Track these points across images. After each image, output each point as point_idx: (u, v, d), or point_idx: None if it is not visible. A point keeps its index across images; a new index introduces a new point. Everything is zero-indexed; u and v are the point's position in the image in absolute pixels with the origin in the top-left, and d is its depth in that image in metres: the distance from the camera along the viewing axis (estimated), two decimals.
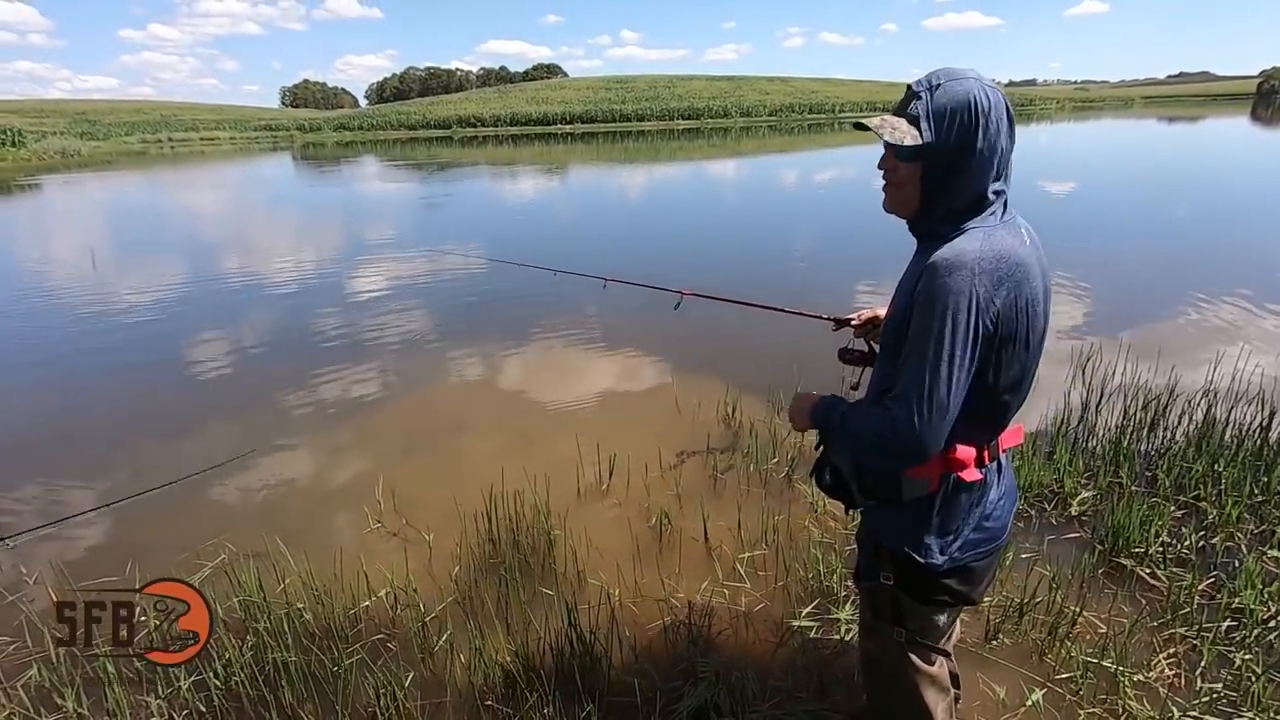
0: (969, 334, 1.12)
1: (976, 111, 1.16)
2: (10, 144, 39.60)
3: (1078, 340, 4.74)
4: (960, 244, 1.16)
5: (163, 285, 8.14)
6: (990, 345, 1.15)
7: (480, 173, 24.04)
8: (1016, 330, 1.17)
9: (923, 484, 1.28)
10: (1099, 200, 12.48)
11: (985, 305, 1.12)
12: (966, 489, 1.29)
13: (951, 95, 1.17)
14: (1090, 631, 2.23)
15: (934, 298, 1.14)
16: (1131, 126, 42.23)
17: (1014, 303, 1.15)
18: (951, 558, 1.31)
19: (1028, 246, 1.20)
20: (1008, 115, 1.19)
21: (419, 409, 4.38)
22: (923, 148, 1.19)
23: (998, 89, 1.19)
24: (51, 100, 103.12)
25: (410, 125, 68.91)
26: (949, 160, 1.19)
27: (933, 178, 1.21)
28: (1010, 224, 1.21)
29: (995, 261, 1.13)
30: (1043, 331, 1.24)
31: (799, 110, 73.38)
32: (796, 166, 23.23)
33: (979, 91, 1.17)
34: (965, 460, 1.26)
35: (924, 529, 1.31)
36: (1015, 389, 1.24)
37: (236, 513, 3.23)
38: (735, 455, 3.50)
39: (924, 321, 1.15)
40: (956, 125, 1.17)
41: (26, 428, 4.32)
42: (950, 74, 1.20)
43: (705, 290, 2.29)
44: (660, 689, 2.08)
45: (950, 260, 1.13)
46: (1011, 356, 1.19)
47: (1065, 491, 2.94)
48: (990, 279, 1.12)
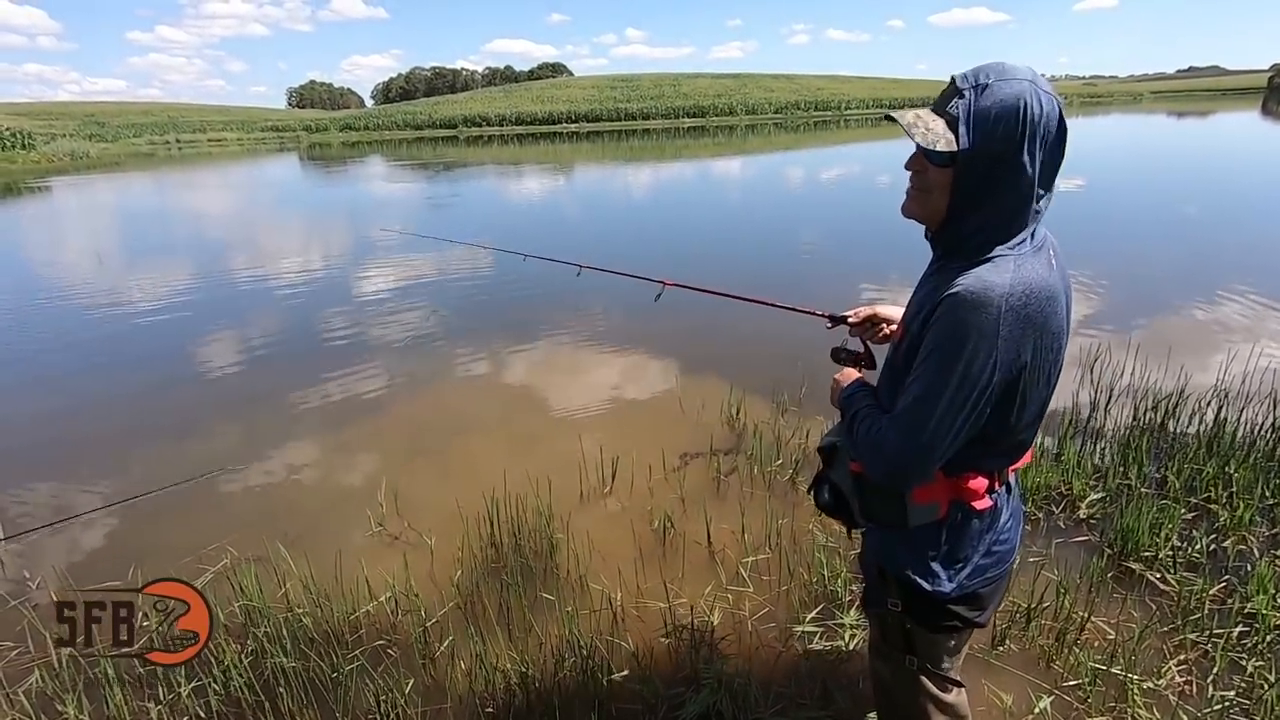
0: (983, 380, 1.05)
1: (1025, 120, 1.03)
2: (20, 146, 39.92)
3: (1086, 339, 4.69)
4: (988, 275, 1.05)
5: (167, 286, 8.16)
6: (1013, 387, 1.09)
7: (486, 172, 24.04)
8: (1041, 368, 1.10)
9: (931, 510, 1.23)
10: (1107, 197, 12.36)
11: (1008, 349, 1.05)
12: (978, 516, 1.23)
13: (999, 98, 1.04)
14: (1099, 637, 2.19)
15: (954, 335, 1.06)
16: (1140, 122, 41.88)
17: (1040, 341, 1.07)
18: (960, 585, 1.25)
19: (1055, 271, 1.11)
20: (1060, 125, 1.06)
21: (422, 411, 4.37)
22: (958, 154, 1.07)
23: (1053, 94, 1.05)
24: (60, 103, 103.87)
25: (416, 125, 69.06)
26: (986, 172, 1.07)
27: (964, 189, 1.09)
28: (1041, 249, 1.11)
29: (1025, 298, 1.04)
30: (1063, 353, 1.18)
31: (804, 108, 73.12)
32: (801, 164, 23.13)
33: (1031, 96, 1.03)
34: (978, 490, 1.20)
35: (931, 556, 1.25)
36: (1035, 422, 1.19)
37: (239, 516, 3.22)
38: (739, 457, 3.48)
39: (939, 357, 1.08)
40: (999, 134, 1.04)
41: (28, 427, 4.33)
42: (1001, 72, 1.05)
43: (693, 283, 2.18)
44: (662, 696, 2.06)
45: (977, 295, 1.04)
46: (1034, 393, 1.13)
47: (1073, 494, 2.91)
48: (1017, 318, 1.04)
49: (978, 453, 1.17)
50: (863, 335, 1.58)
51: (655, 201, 15.57)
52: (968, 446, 1.15)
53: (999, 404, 1.10)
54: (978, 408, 1.08)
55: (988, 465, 1.21)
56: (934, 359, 1.09)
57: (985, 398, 1.07)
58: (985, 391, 1.07)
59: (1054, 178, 1.09)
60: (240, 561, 2.75)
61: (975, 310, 1.04)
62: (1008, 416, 1.13)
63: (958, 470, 1.20)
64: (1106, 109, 65.75)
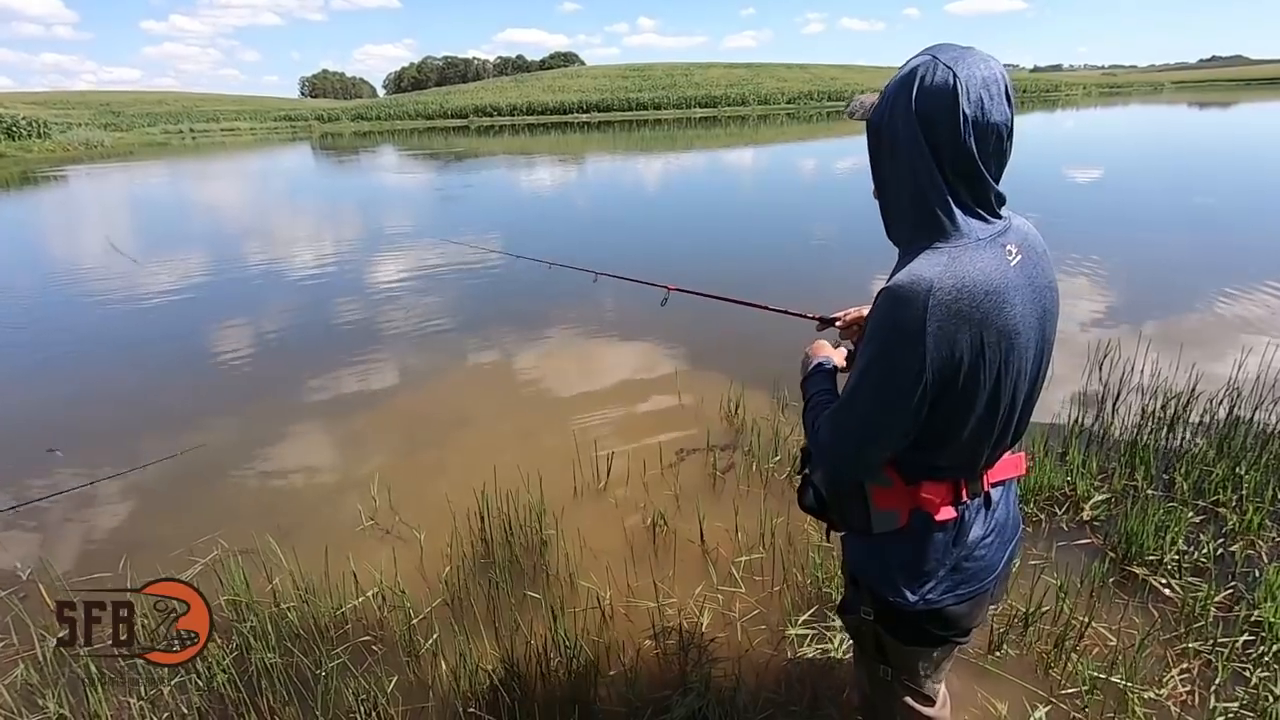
0: (910, 376, 0.99)
1: (915, 95, 0.98)
2: (36, 135, 40.22)
3: (1094, 334, 4.59)
4: (918, 268, 0.99)
5: (173, 274, 8.18)
6: (951, 386, 1.02)
7: (497, 163, 23.98)
8: (983, 369, 1.02)
9: (892, 518, 1.18)
10: (1122, 187, 12.14)
11: (939, 346, 0.98)
12: (940, 528, 1.16)
13: (902, 73, 1.02)
14: (1099, 644, 2.13)
15: (879, 329, 1.02)
16: (1160, 112, 41.14)
17: (979, 339, 0.99)
18: (925, 599, 1.18)
19: (1011, 267, 1.02)
20: (980, 109, 0.96)
21: (418, 404, 4.34)
22: (870, 126, 1.07)
23: (987, 79, 0.97)
24: (77, 92, 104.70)
25: (427, 115, 69.00)
26: (881, 150, 1.06)
27: (872, 169, 1.10)
28: (993, 242, 1.02)
29: (955, 293, 0.97)
30: (1037, 358, 1.10)
31: (817, 97, 72.44)
32: (812, 155, 22.90)
33: (928, 71, 0.98)
34: (935, 498, 1.14)
35: (893, 566, 1.20)
36: (986, 429, 1.09)
37: (232, 508, 3.21)
38: (736, 454, 3.43)
39: (868, 352, 1.04)
40: (888, 107, 1.03)
41: (29, 409, 4.34)
42: (933, 49, 1.02)
43: (696, 286, 2.22)
44: (648, 698, 2.03)
45: (903, 288, 0.98)
46: (980, 395, 1.04)
47: (1077, 495, 2.83)
48: (947, 313, 0.97)
49: (928, 459, 1.12)
50: (852, 337, 1.53)
51: (663, 194, 15.47)
52: (917, 451, 1.10)
53: (940, 405, 1.04)
54: (910, 405, 1.02)
55: (943, 473, 1.14)
56: (864, 353, 1.06)
57: (918, 395, 1.01)
58: (916, 388, 1.00)
59: (975, 170, 0.99)
60: (230, 554, 2.73)
61: (900, 304, 0.99)
62: (951, 418, 1.06)
63: (914, 477, 1.15)
64: (1125, 99, 64.67)
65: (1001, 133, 0.99)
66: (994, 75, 0.98)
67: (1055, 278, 1.12)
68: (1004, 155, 1.02)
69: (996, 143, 1.00)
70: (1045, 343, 1.12)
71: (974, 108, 0.96)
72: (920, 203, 1.02)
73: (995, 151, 1.00)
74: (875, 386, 1.04)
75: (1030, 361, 1.09)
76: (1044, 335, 1.11)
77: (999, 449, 1.16)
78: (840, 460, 1.13)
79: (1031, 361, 1.09)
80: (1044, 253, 1.11)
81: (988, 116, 0.97)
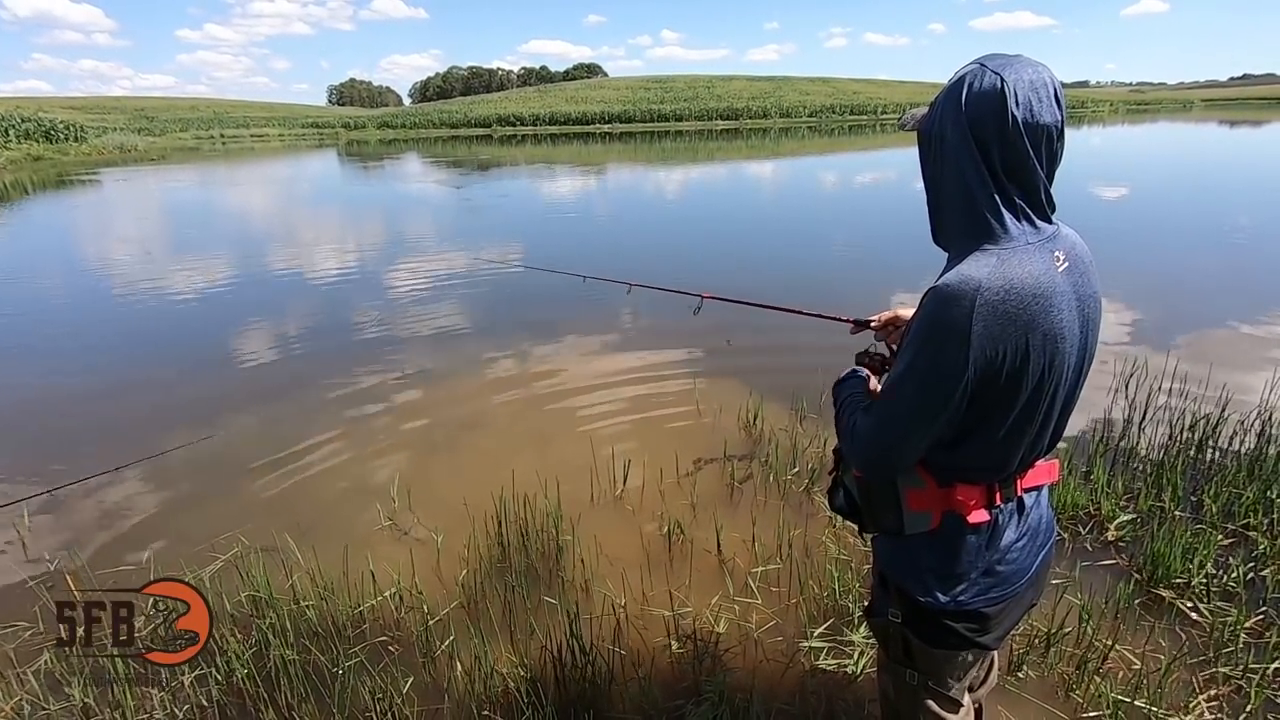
0: (953, 375, 1.01)
1: (964, 100, 1.01)
2: (73, 139, 41.34)
3: (1121, 353, 4.51)
4: (967, 269, 1.01)
5: (199, 277, 8.34)
6: (991, 388, 1.03)
7: (521, 173, 24.22)
8: (1026, 371, 1.03)
9: (924, 519, 1.19)
10: (1150, 206, 11.97)
11: (983, 346, 0.99)
12: (974, 530, 1.17)
13: (952, 81, 1.05)
14: (1123, 667, 2.09)
15: (925, 328, 1.03)
16: (1189, 130, 40.57)
17: (1024, 342, 1.01)
18: (956, 601, 1.19)
19: (1058, 273, 1.04)
20: (1029, 111, 0.98)
21: (437, 407, 4.38)
22: (920, 135, 1.10)
23: (1034, 82, 0.99)
24: (113, 97, 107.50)
25: (451, 124, 69.93)
26: (933, 155, 1.08)
27: (924, 174, 1.12)
28: (1041, 246, 1.04)
29: (1003, 294, 0.99)
30: (1078, 366, 1.11)
31: (840, 111, 72.40)
32: (835, 168, 22.86)
33: (977, 77, 1.01)
34: (967, 501, 1.15)
35: (925, 567, 1.21)
36: (1022, 432, 1.10)
37: (253, 505, 3.25)
38: (754, 464, 3.41)
39: (912, 350, 1.06)
40: (939, 114, 1.06)
41: (55, 406, 4.44)
42: (980, 58, 1.05)
43: (726, 293, 2.23)
44: (662, 706, 2.02)
45: (951, 287, 1.00)
46: (1015, 398, 1.05)
47: (1102, 514, 2.79)
48: (994, 314, 0.99)
49: (963, 461, 1.13)
50: (887, 339, 1.54)
51: (686, 201, 15.51)
52: (950, 452, 1.12)
53: (977, 402, 1.05)
54: (949, 404, 1.04)
55: (977, 475, 1.15)
56: (907, 351, 1.07)
57: (958, 394, 1.03)
58: (956, 388, 1.02)
59: (1035, 168, 1.01)
60: (250, 551, 2.77)
61: (948, 304, 1.00)
62: (987, 417, 1.07)
63: (948, 479, 1.16)
64: (1154, 116, 63.85)
65: (1052, 134, 1.01)
66: (1042, 79, 1.00)
67: (1099, 290, 1.13)
68: (1055, 157, 1.04)
69: (1048, 144, 1.02)
70: (1087, 352, 1.13)
71: (1023, 110, 0.99)
72: (969, 206, 1.04)
73: (1047, 153, 1.02)
74: (917, 382, 1.05)
75: (1071, 369, 1.10)
76: (1086, 344, 1.11)
77: (1034, 454, 1.17)
78: (877, 453, 1.13)
79: (1072, 369, 1.10)
80: (1090, 263, 1.12)
81: (1037, 118, 0.99)
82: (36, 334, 6.34)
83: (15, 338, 6.25)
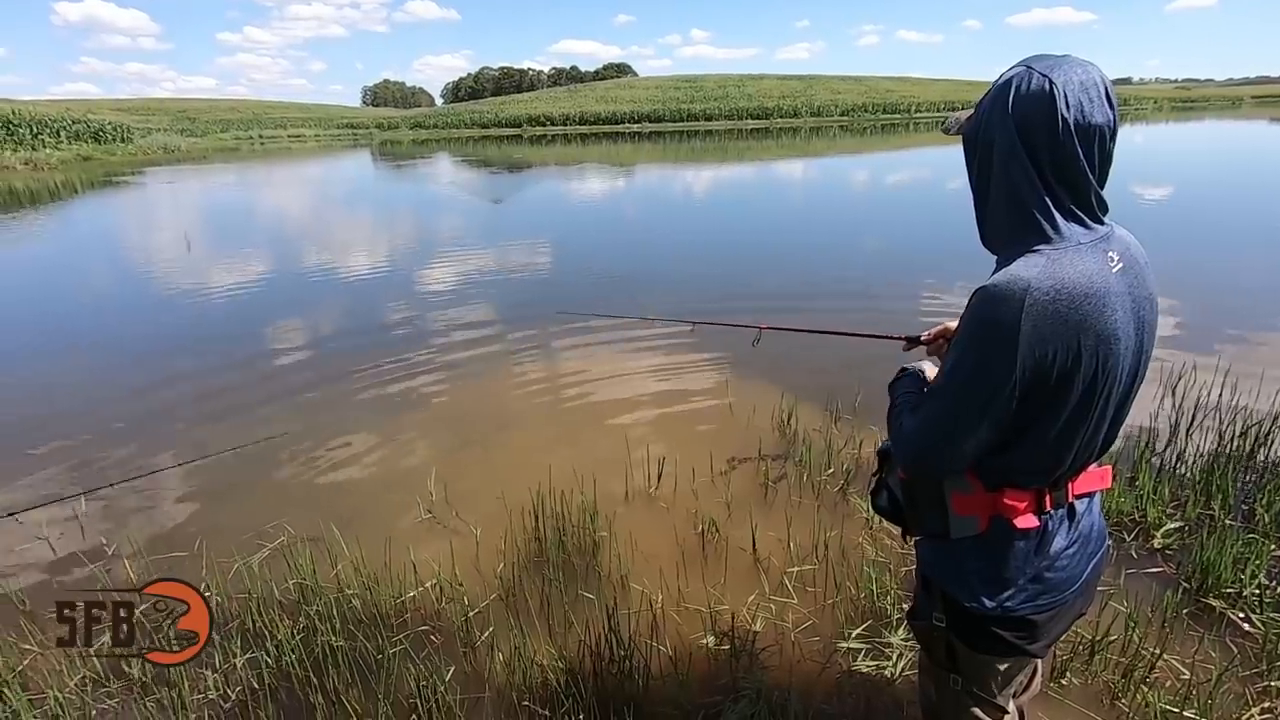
0: (1000, 375, 1.00)
1: (1011, 103, 1.00)
2: (120, 140, 42.77)
3: (1166, 355, 4.40)
4: (1017, 269, 1.00)
5: (241, 272, 8.58)
6: (1041, 389, 1.02)
7: (549, 174, 24.37)
8: (1078, 374, 1.01)
9: (971, 523, 1.17)
10: (1198, 205, 11.61)
11: (1032, 347, 0.98)
12: (1022, 536, 1.15)
13: (999, 82, 1.04)
14: (1171, 677, 2.04)
15: (974, 327, 1.03)
16: (1238, 128, 39.22)
17: (1075, 343, 0.99)
18: (1002, 606, 1.17)
19: (1112, 273, 1.02)
20: (1080, 112, 0.97)
21: (474, 403, 4.44)
22: (966, 139, 1.09)
23: (1085, 82, 0.98)
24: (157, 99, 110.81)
25: (482, 124, 70.73)
26: (978, 157, 1.08)
27: (970, 177, 1.11)
28: (1094, 246, 1.02)
29: (1053, 294, 0.97)
30: (1133, 369, 1.09)
31: (872, 110, 71.53)
32: (868, 167, 22.59)
33: (1023, 79, 1.00)
34: (1016, 505, 1.14)
35: (970, 571, 1.19)
36: (1073, 435, 1.08)
37: (298, 496, 3.34)
38: (788, 464, 3.41)
39: (959, 350, 1.05)
40: (984, 118, 1.05)
41: (103, 399, 4.60)
42: (1027, 60, 1.04)
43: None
44: (699, 702, 2.03)
45: (1000, 288, 0.99)
46: (1065, 401, 1.04)
47: (1148, 521, 2.73)
48: (1044, 314, 0.97)
49: (1011, 464, 1.11)
50: (939, 352, 1.53)
51: (716, 203, 15.47)
52: (999, 456, 1.11)
53: (1027, 408, 1.04)
54: (997, 404, 1.03)
55: (1026, 480, 1.14)
56: (955, 351, 1.07)
57: (1005, 396, 1.02)
58: (1003, 389, 1.01)
59: (1085, 170, 1.00)
60: (296, 540, 2.85)
61: (996, 304, 0.99)
62: (1037, 419, 1.06)
63: (996, 483, 1.14)
64: (1201, 114, 61.84)
65: (1104, 134, 1.00)
66: (1092, 79, 0.99)
67: (1155, 291, 1.10)
68: (1108, 157, 1.03)
69: (1100, 144, 1.00)
70: (1142, 354, 1.10)
71: (1074, 111, 0.97)
72: (1018, 208, 1.03)
73: (1100, 154, 1.01)
74: (964, 383, 1.05)
75: (1126, 372, 1.08)
76: (1141, 347, 1.09)
77: (1085, 458, 1.14)
78: (924, 454, 1.13)
79: (1127, 372, 1.08)
80: (1145, 264, 1.10)
81: (1089, 119, 0.98)
82: (93, 326, 6.58)
83: (73, 328, 6.49)
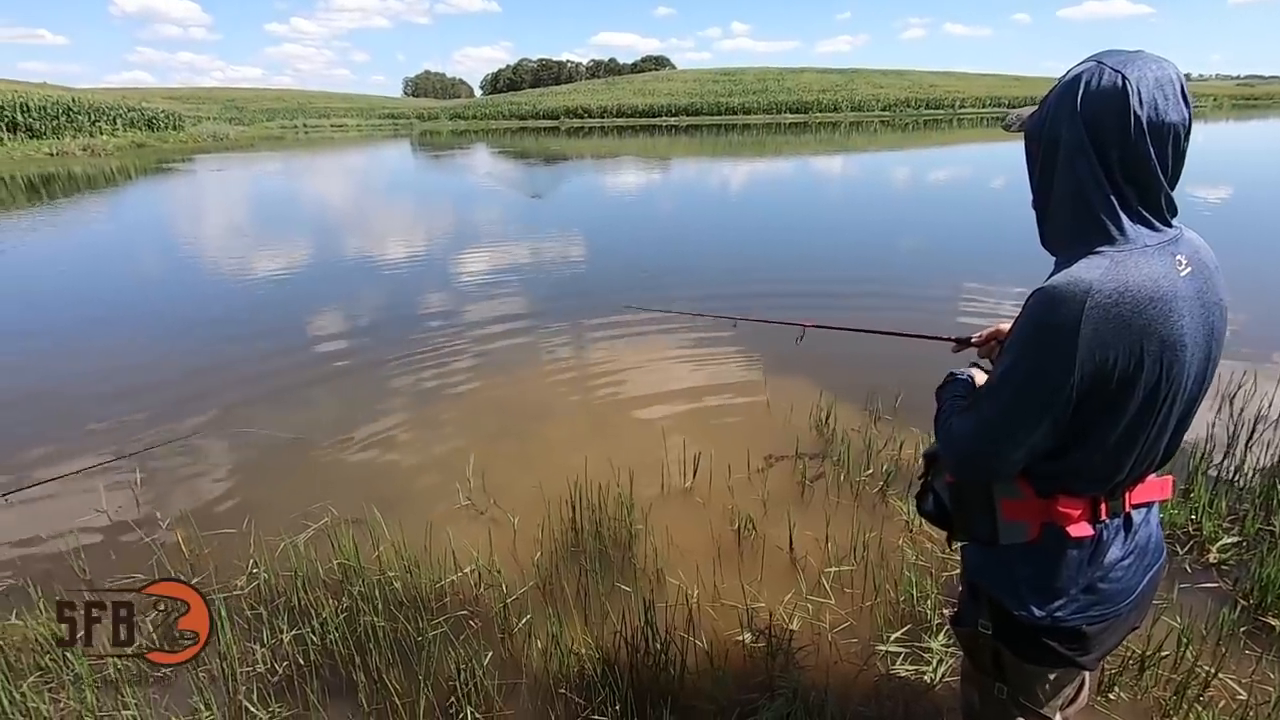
0: (1056, 378, 0.97)
1: (1080, 99, 0.97)
2: (172, 128, 44.16)
3: (1225, 363, 4.23)
4: (1078, 270, 0.96)
5: (285, 260, 8.79)
6: (1095, 393, 0.98)
7: (585, 166, 24.43)
8: (1140, 379, 0.98)
9: (1021, 530, 1.14)
10: (1259, 207, 11.13)
11: (1092, 350, 0.95)
12: (1075, 545, 1.11)
13: (1066, 78, 1.00)
14: (1226, 697, 1.98)
15: (1029, 328, 1.00)
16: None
17: (1138, 348, 0.95)
18: (1053, 616, 1.14)
19: (1180, 277, 0.98)
20: (1155, 110, 0.94)
21: (512, 393, 4.49)
22: (1028, 136, 1.07)
23: (1160, 79, 0.94)
24: (206, 88, 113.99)
25: (520, 115, 71.20)
26: (1042, 155, 1.05)
27: (1031, 174, 1.08)
28: (1162, 249, 0.98)
29: (1116, 296, 0.94)
30: (1199, 376, 1.05)
31: (915, 105, 70.08)
32: (909, 164, 22.16)
33: (1094, 75, 0.96)
34: (1070, 513, 1.10)
35: (1020, 579, 1.16)
36: (1133, 442, 1.04)
37: (341, 479, 3.42)
38: (826, 463, 3.37)
39: (1014, 351, 1.02)
40: (1050, 115, 1.02)
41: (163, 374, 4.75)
42: (1097, 55, 1.00)
43: (827, 321, 2.27)
44: (736, 699, 2.03)
45: (1061, 289, 0.96)
46: (1125, 407, 1.00)
47: (1203, 535, 2.63)
48: (1105, 317, 0.94)
49: (1066, 471, 1.08)
50: (990, 354, 1.49)
51: (753, 198, 15.34)
52: (1054, 462, 1.07)
53: (1084, 413, 1.00)
54: (1051, 410, 1.00)
55: (1081, 487, 1.10)
56: (1010, 352, 1.04)
57: (1060, 401, 0.99)
58: (1059, 394, 0.98)
59: (1156, 169, 0.96)
60: (340, 522, 2.92)
61: (1055, 305, 0.96)
62: (1097, 429, 1.02)
63: (1049, 490, 1.11)
64: (1265, 113, 59.18)
65: (1179, 133, 0.96)
66: (1168, 75, 0.96)
67: (1226, 298, 1.06)
68: (1181, 157, 0.99)
69: (1174, 144, 0.97)
70: (1210, 362, 1.06)
71: (1148, 109, 0.94)
72: (1083, 208, 1.00)
73: (1174, 153, 0.98)
74: (1019, 386, 1.02)
75: (1192, 380, 1.04)
76: (1209, 354, 1.05)
77: (1145, 467, 1.11)
78: (973, 457, 1.10)
79: (1193, 380, 1.04)
80: (1215, 269, 1.06)
81: (1163, 117, 0.95)
82: (146, 304, 6.82)
83: (130, 302, 6.73)
